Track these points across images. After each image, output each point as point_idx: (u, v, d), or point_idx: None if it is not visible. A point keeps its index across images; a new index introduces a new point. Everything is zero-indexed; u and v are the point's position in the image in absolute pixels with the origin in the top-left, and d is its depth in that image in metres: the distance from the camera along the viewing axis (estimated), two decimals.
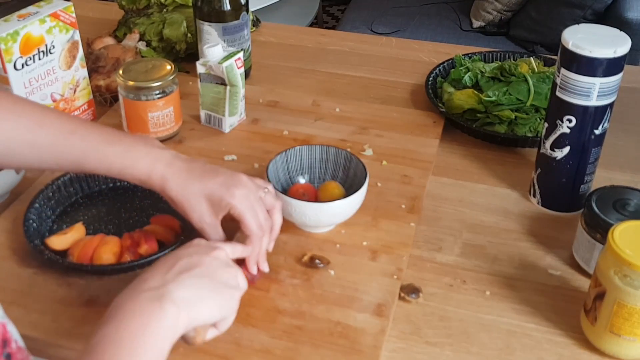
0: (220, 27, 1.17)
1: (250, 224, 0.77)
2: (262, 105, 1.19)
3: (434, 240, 0.90)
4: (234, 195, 0.76)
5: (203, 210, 0.77)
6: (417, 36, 2.35)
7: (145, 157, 0.77)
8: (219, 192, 0.76)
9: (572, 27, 0.87)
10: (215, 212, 0.77)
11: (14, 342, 0.56)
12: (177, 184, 0.76)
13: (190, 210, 0.77)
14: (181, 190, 0.76)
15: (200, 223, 0.77)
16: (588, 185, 0.93)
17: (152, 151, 0.77)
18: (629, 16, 2.03)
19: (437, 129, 1.12)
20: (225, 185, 0.76)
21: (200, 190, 0.76)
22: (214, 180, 0.77)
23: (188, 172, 0.77)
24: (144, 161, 0.76)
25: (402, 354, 0.75)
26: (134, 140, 0.78)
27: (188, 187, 0.76)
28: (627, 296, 0.69)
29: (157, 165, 0.76)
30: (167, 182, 0.76)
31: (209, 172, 0.78)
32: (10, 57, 0.95)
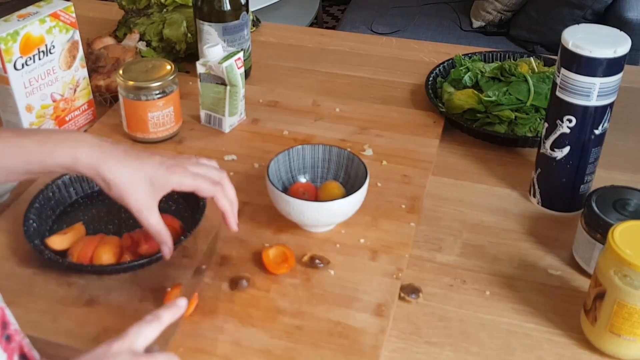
0: (220, 27, 1.17)
1: (205, 186, 0.76)
2: (262, 105, 1.19)
3: (434, 240, 0.90)
4: (174, 172, 0.74)
5: (144, 193, 0.73)
6: (417, 36, 2.34)
7: (65, 140, 0.72)
8: (160, 172, 0.74)
9: (572, 27, 0.87)
10: (154, 194, 0.74)
11: (12, 325, 0.57)
12: (114, 166, 0.72)
13: (129, 194, 0.73)
14: (117, 172, 0.72)
15: (138, 207, 0.74)
16: (588, 185, 0.93)
17: (71, 135, 0.73)
18: (629, 16, 2.03)
19: (437, 129, 1.12)
20: (164, 164, 0.74)
21: (139, 171, 0.73)
22: (152, 160, 0.74)
23: (123, 152, 0.73)
24: (65, 145, 0.71)
25: (402, 354, 0.75)
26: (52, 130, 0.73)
27: (125, 168, 0.72)
28: (627, 296, 0.69)
29: (81, 147, 0.71)
30: (103, 164, 0.71)
31: (144, 152, 0.75)
32: (10, 57, 0.95)
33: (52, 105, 1.04)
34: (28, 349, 0.59)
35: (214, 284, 0.82)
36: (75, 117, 1.09)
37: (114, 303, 0.79)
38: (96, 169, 0.72)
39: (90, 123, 1.12)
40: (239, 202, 0.95)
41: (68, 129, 0.78)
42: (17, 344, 0.57)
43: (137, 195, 0.73)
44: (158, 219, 0.76)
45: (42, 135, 0.73)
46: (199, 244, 0.88)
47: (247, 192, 0.97)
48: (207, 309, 0.78)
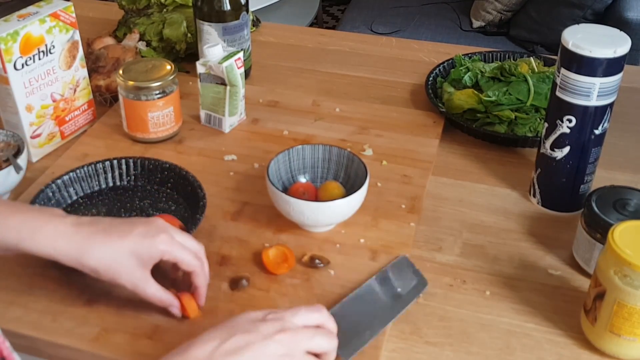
0: (220, 27, 1.17)
1: (188, 259, 0.74)
2: (262, 105, 1.19)
3: (434, 240, 0.90)
4: (161, 241, 0.72)
5: (132, 268, 0.72)
6: (417, 36, 2.35)
7: (45, 225, 0.70)
8: (144, 245, 0.72)
9: (572, 27, 0.87)
10: (144, 266, 0.73)
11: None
12: (95, 253, 0.71)
13: (119, 275, 0.72)
14: (102, 258, 0.71)
15: (133, 282, 0.73)
16: (588, 185, 0.93)
17: (52, 220, 0.71)
18: (629, 16, 2.03)
19: (437, 129, 1.12)
20: (146, 236, 0.72)
21: (125, 249, 0.71)
22: (134, 233, 0.72)
23: (103, 234, 0.71)
24: (45, 231, 0.70)
25: (402, 354, 0.75)
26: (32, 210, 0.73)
27: (109, 251, 0.71)
28: (627, 296, 0.69)
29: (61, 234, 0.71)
30: (83, 254, 0.70)
31: (124, 226, 0.73)
32: (10, 57, 0.95)
33: (52, 105, 1.04)
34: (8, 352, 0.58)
35: (214, 284, 0.82)
36: (75, 117, 1.09)
37: (114, 303, 0.79)
38: (78, 261, 0.71)
39: (90, 123, 1.12)
40: (239, 202, 0.95)
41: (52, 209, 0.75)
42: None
43: (128, 275, 0.72)
44: (155, 288, 0.74)
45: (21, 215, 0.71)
46: None
47: (247, 192, 0.97)
48: (207, 309, 0.78)
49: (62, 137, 1.08)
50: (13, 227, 0.71)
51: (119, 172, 0.97)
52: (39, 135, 1.04)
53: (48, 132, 1.05)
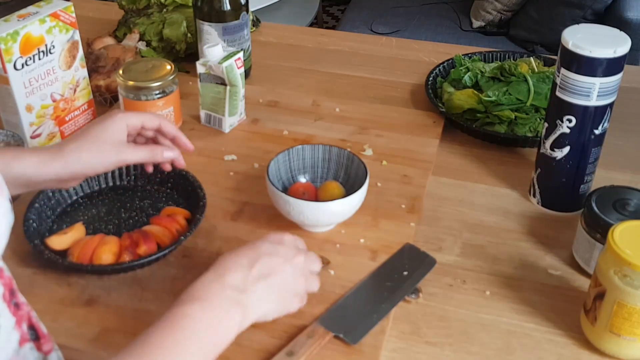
0: (220, 27, 1.17)
1: (148, 117, 0.84)
2: (262, 105, 1.19)
3: (434, 240, 0.90)
4: (116, 113, 0.82)
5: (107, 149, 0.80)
6: (417, 36, 2.34)
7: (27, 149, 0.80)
8: (108, 118, 0.81)
9: (572, 27, 0.87)
10: (119, 138, 0.81)
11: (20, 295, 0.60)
12: (76, 145, 0.79)
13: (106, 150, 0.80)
14: (82, 146, 0.79)
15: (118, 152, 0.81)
16: (588, 185, 0.93)
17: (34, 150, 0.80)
18: (629, 16, 2.03)
19: (437, 129, 1.12)
20: (106, 117, 0.81)
21: (93, 133, 0.80)
22: (93, 122, 0.82)
23: (77, 135, 0.80)
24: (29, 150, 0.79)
25: (402, 354, 0.75)
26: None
27: (87, 142, 0.79)
28: (627, 296, 0.69)
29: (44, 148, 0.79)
30: (64, 147, 0.78)
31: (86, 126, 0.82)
32: (10, 57, 0.95)
33: (52, 105, 1.04)
34: (35, 320, 0.61)
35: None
36: (75, 117, 1.09)
37: (114, 303, 0.79)
38: (63, 158, 0.78)
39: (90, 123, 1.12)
40: (239, 202, 0.95)
41: None
42: (26, 313, 0.60)
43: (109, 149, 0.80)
44: (141, 148, 0.83)
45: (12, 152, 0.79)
46: (199, 243, 0.88)
47: (247, 192, 0.97)
48: None
49: (62, 137, 1.08)
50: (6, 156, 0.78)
51: (119, 172, 0.97)
52: (39, 135, 1.04)
53: (48, 132, 1.05)
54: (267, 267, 0.69)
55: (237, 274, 0.67)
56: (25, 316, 0.59)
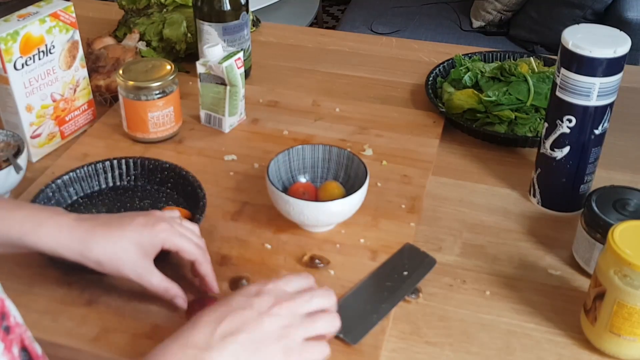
0: (220, 27, 1.17)
1: (190, 248, 0.75)
2: (262, 105, 1.19)
3: (434, 240, 0.90)
4: (161, 230, 0.73)
5: (135, 258, 0.73)
6: (417, 36, 2.35)
7: (47, 219, 0.71)
8: (145, 234, 0.73)
9: (572, 27, 0.87)
10: (146, 256, 0.74)
11: (13, 317, 0.57)
12: (97, 245, 0.71)
13: (122, 265, 0.72)
14: (104, 249, 0.72)
15: (136, 272, 0.73)
16: (588, 185, 0.93)
17: (55, 215, 0.73)
18: (629, 16, 2.03)
19: (437, 129, 1.12)
20: (147, 225, 0.73)
21: (126, 240, 0.72)
22: (134, 224, 0.73)
23: (104, 227, 0.72)
24: (47, 225, 0.71)
25: (402, 354, 0.75)
26: (35, 206, 0.74)
27: (110, 242, 0.72)
28: (627, 296, 0.69)
29: (63, 229, 0.71)
30: (86, 246, 0.71)
31: (124, 218, 0.74)
32: (10, 57, 0.95)
33: (52, 105, 1.04)
34: (29, 342, 0.59)
35: None
36: (75, 117, 1.09)
37: (114, 303, 0.79)
38: (81, 253, 0.72)
39: (90, 123, 1.12)
40: (239, 202, 0.95)
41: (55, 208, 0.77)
42: (17, 336, 0.57)
43: (130, 265, 0.73)
44: (160, 278, 0.75)
45: (26, 211, 0.73)
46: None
47: (247, 192, 0.97)
48: None
49: (62, 137, 1.08)
50: (17, 221, 0.71)
51: (119, 172, 0.97)
52: (39, 135, 1.04)
53: (48, 132, 1.05)
54: (236, 322, 0.62)
55: (202, 331, 0.61)
56: (18, 339, 0.57)
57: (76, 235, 0.72)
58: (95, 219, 0.74)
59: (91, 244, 0.72)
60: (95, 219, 0.74)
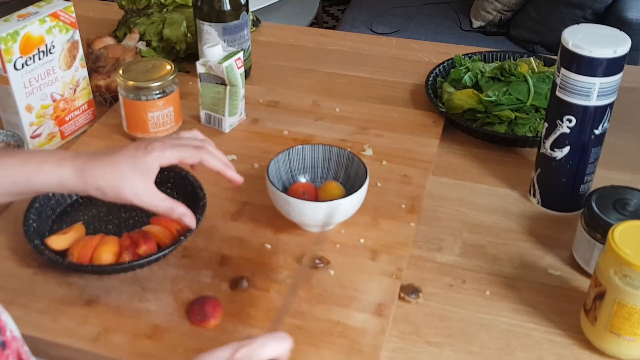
0: (220, 27, 1.17)
1: (188, 153, 0.76)
2: (262, 105, 1.19)
3: (434, 240, 0.90)
4: (153, 149, 0.74)
5: (134, 180, 0.73)
6: (417, 36, 2.34)
7: (49, 159, 0.73)
8: (140, 155, 0.73)
9: (572, 27, 0.87)
10: (145, 178, 0.74)
11: (9, 331, 0.56)
12: (96, 172, 0.73)
13: (122, 188, 0.73)
14: (103, 175, 0.73)
15: (137, 194, 0.74)
16: (588, 185, 0.93)
17: (55, 152, 0.75)
18: (629, 16, 2.03)
19: (437, 129, 1.12)
20: (139, 148, 0.74)
21: (122, 163, 0.73)
22: (128, 150, 0.74)
23: (100, 155, 0.74)
24: (50, 163, 0.73)
25: (402, 354, 0.75)
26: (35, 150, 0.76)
27: (108, 168, 0.73)
28: (627, 296, 0.69)
29: (64, 166, 0.73)
30: (86, 175, 0.73)
31: (118, 148, 0.75)
32: (10, 57, 0.95)
33: (52, 105, 1.04)
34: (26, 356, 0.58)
35: (214, 284, 0.82)
36: (75, 117, 1.09)
37: (114, 303, 0.79)
38: (83, 182, 0.73)
39: (90, 123, 1.12)
40: (239, 202, 0.95)
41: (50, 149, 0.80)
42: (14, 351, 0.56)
43: (129, 186, 0.73)
44: (162, 198, 0.76)
45: (25, 155, 0.74)
46: (199, 243, 0.88)
47: (247, 192, 0.97)
48: None
49: (62, 137, 1.08)
50: (19, 166, 0.73)
51: None
52: (39, 135, 1.04)
53: (48, 132, 1.05)
54: None
55: None
56: (14, 353, 0.56)
57: (77, 166, 0.73)
58: (91, 152, 0.75)
59: (90, 172, 0.73)
60: (91, 152, 0.75)
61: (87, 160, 0.74)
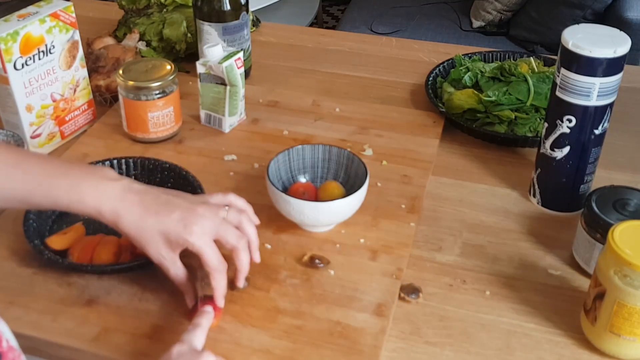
0: (220, 27, 1.17)
1: (210, 260, 0.75)
2: (262, 105, 1.19)
3: (434, 240, 0.90)
4: (192, 232, 0.73)
5: (160, 245, 0.74)
6: (417, 36, 2.35)
7: (93, 191, 0.74)
8: (175, 229, 0.73)
9: (572, 27, 0.87)
10: (173, 248, 0.75)
11: (5, 341, 0.56)
12: (130, 221, 0.74)
13: (147, 245, 0.75)
14: (135, 227, 0.74)
15: (158, 258, 0.75)
16: (588, 185, 0.93)
17: (100, 184, 0.75)
18: (629, 16, 2.03)
19: (437, 129, 1.12)
20: (182, 221, 0.74)
21: (156, 228, 0.74)
22: (171, 217, 0.74)
23: (142, 208, 0.74)
24: (92, 196, 0.74)
25: (402, 354, 0.75)
26: (82, 172, 0.75)
27: (143, 223, 0.74)
28: (627, 296, 0.69)
29: (106, 199, 0.74)
30: (120, 218, 0.74)
31: (165, 206, 0.75)
32: (10, 57, 0.95)
33: (52, 105, 1.04)
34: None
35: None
36: (75, 117, 1.09)
37: (114, 303, 0.79)
38: (115, 223, 0.74)
39: (90, 123, 1.12)
40: None
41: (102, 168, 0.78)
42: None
43: (154, 249, 0.75)
44: (179, 271, 0.76)
45: (71, 178, 0.75)
46: None
47: (247, 192, 0.97)
48: None
49: (62, 137, 1.08)
50: (64, 190, 0.74)
51: (119, 172, 0.97)
52: (39, 135, 1.04)
53: (48, 132, 1.05)
54: None
55: None
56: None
57: (116, 208, 0.74)
58: (140, 195, 0.75)
59: (125, 221, 0.74)
60: (140, 195, 0.75)
61: (129, 207, 0.74)
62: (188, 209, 0.75)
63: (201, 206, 0.76)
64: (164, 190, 0.78)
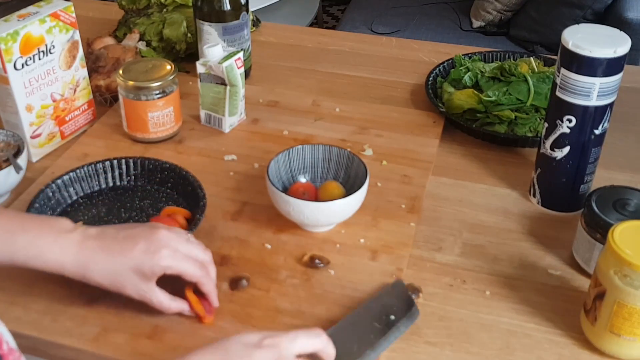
0: (220, 27, 1.17)
1: (192, 273, 0.75)
2: (262, 105, 1.19)
3: (434, 240, 0.90)
4: (162, 256, 0.73)
5: (136, 282, 0.74)
6: (417, 36, 2.34)
7: (52, 246, 0.73)
8: (146, 261, 0.73)
9: (572, 27, 0.87)
10: (148, 279, 0.74)
11: (5, 343, 0.56)
12: (99, 269, 0.73)
13: (123, 287, 0.74)
14: (106, 273, 0.74)
15: (139, 294, 0.75)
16: (588, 185, 0.93)
17: (58, 238, 0.74)
18: (629, 16, 2.03)
19: (437, 129, 1.12)
20: (149, 250, 0.73)
21: (126, 266, 0.73)
22: (135, 250, 0.73)
23: (106, 251, 0.74)
24: (52, 251, 0.73)
25: (402, 354, 0.75)
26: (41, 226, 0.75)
27: (112, 266, 0.73)
28: (627, 296, 0.69)
29: (67, 253, 0.73)
30: (87, 269, 0.73)
31: (126, 241, 0.74)
32: (10, 57, 0.95)
33: (52, 105, 1.04)
34: None
35: None
36: (75, 117, 1.09)
37: (114, 303, 0.79)
38: (84, 276, 0.74)
39: (90, 123, 1.12)
40: (239, 202, 0.95)
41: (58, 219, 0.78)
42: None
43: (132, 287, 0.74)
44: (162, 297, 0.76)
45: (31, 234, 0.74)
46: None
47: (247, 192, 0.97)
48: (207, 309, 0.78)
49: (62, 137, 1.08)
50: (21, 246, 0.73)
51: (119, 172, 0.97)
52: (39, 135, 1.04)
53: (48, 132, 1.05)
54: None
55: None
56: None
57: (78, 260, 0.74)
58: (99, 239, 0.75)
59: (92, 269, 0.74)
60: (99, 239, 0.75)
61: (90, 255, 0.74)
62: (149, 236, 0.75)
63: (162, 232, 0.76)
64: (118, 227, 0.77)
